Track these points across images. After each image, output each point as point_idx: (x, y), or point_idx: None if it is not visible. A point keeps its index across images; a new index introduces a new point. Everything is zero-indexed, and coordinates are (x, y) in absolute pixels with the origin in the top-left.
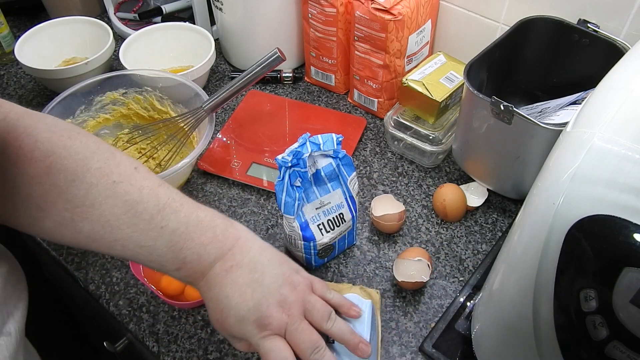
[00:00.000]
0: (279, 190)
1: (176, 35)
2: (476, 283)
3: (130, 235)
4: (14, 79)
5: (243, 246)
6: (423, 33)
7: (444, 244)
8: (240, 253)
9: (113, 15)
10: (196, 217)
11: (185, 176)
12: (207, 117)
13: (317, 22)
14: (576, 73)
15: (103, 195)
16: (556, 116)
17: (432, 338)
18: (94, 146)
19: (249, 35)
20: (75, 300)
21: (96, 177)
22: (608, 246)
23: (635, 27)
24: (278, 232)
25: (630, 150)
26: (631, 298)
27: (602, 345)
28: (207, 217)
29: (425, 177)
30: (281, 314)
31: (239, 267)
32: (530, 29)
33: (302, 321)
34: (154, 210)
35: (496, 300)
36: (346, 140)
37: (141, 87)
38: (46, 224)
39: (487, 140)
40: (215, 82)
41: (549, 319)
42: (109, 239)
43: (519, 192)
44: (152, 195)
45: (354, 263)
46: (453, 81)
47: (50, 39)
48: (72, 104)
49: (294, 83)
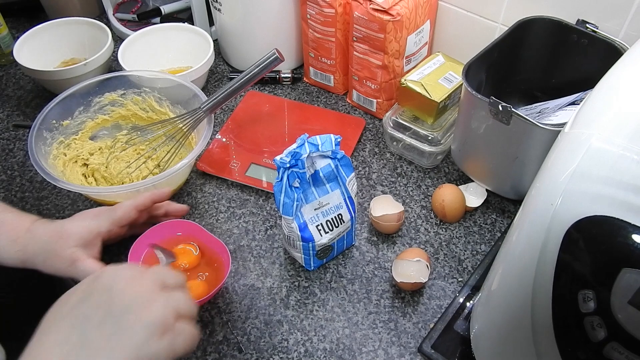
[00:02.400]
0: (277, 191)
1: (175, 36)
2: (475, 284)
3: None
4: (13, 80)
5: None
6: (422, 33)
7: (443, 245)
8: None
9: (112, 16)
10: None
11: (184, 177)
12: (205, 117)
13: (316, 22)
14: (575, 73)
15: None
16: (555, 117)
17: (431, 339)
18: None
19: (248, 36)
20: None
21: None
22: (606, 247)
23: (633, 27)
24: (277, 233)
25: (628, 150)
26: (629, 299)
27: (601, 346)
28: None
29: (424, 177)
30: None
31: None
32: (529, 30)
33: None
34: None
35: (495, 300)
36: (345, 140)
37: (140, 88)
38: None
39: (486, 140)
40: (214, 83)
41: (548, 319)
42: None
43: (517, 193)
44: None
45: (352, 264)
46: (452, 82)
47: (49, 40)
48: (70, 105)
49: (293, 84)
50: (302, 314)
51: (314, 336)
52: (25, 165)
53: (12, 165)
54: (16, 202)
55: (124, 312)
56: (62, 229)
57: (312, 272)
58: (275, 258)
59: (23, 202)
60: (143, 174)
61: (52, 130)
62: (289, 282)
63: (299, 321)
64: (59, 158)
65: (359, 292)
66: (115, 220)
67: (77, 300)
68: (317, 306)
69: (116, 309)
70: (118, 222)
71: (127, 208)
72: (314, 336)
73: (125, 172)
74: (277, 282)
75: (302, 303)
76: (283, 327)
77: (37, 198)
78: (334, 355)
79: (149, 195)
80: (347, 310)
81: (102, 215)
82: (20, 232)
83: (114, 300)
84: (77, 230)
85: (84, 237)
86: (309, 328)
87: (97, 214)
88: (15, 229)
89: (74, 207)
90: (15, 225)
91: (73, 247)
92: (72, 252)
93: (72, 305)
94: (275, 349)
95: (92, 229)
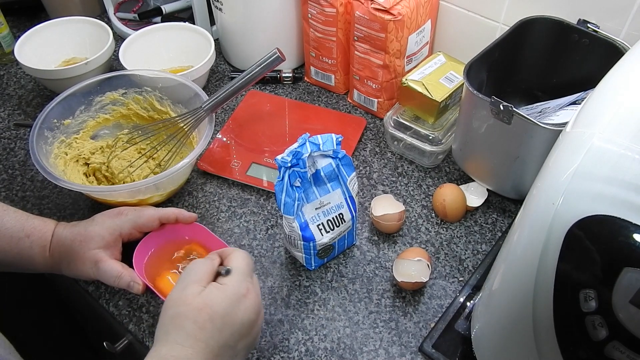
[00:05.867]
0: (278, 190)
1: (176, 36)
2: (476, 283)
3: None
4: (14, 79)
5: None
6: (423, 33)
7: (444, 244)
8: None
9: (113, 16)
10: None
11: (185, 176)
12: (206, 117)
13: (317, 22)
14: (576, 73)
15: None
16: (556, 116)
17: (431, 338)
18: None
19: (249, 35)
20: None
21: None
22: (608, 246)
23: (635, 27)
24: (278, 232)
25: (629, 150)
26: (631, 298)
27: (602, 346)
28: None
29: (425, 177)
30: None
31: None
32: (530, 29)
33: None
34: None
35: (496, 300)
36: (346, 140)
37: (141, 88)
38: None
39: (487, 140)
40: (215, 82)
41: (549, 319)
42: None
43: (518, 192)
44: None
45: (353, 263)
46: (453, 81)
47: (50, 39)
48: (71, 104)
49: (294, 83)
50: (303, 314)
51: (315, 335)
52: (27, 164)
53: (13, 165)
54: (17, 201)
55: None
56: (84, 231)
57: (313, 272)
58: (276, 257)
59: (24, 202)
60: (144, 174)
61: (53, 129)
62: (290, 282)
63: (300, 320)
64: (60, 157)
65: (359, 292)
66: (138, 226)
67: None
68: (318, 305)
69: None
70: (140, 228)
71: (152, 217)
72: (314, 335)
73: (127, 172)
74: (278, 282)
75: (303, 302)
76: (284, 326)
77: (38, 197)
78: (334, 355)
79: (176, 212)
80: (348, 310)
81: (123, 216)
82: (49, 238)
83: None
84: (99, 232)
85: (106, 239)
86: (310, 327)
87: (118, 213)
88: (44, 235)
89: (75, 207)
90: (44, 231)
91: (95, 249)
92: (95, 253)
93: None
94: (276, 348)
95: (113, 230)
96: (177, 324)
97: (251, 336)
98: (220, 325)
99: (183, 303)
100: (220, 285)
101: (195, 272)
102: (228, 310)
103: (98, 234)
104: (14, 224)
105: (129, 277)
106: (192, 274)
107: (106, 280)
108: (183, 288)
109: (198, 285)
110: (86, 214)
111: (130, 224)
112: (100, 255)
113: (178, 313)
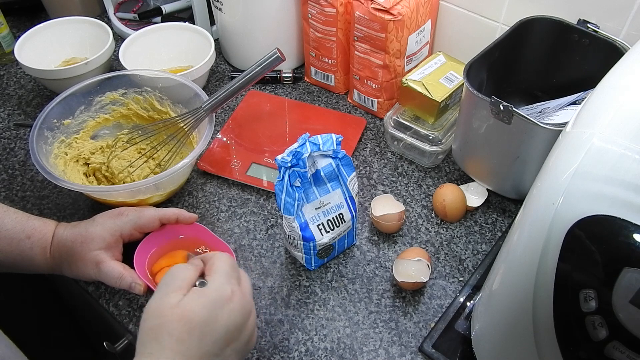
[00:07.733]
0: (278, 190)
1: (176, 36)
2: (476, 283)
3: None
4: (14, 79)
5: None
6: (423, 33)
7: (444, 244)
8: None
9: (113, 16)
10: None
11: (185, 176)
12: (206, 117)
13: (317, 22)
14: (576, 73)
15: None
16: (556, 116)
17: (431, 338)
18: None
19: (249, 35)
20: (75, 300)
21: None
22: (608, 246)
23: (635, 27)
24: (278, 232)
25: (629, 150)
26: (631, 298)
27: (602, 346)
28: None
29: (425, 177)
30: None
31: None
32: (530, 29)
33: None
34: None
35: (496, 300)
36: (346, 140)
37: (141, 88)
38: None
39: (487, 140)
40: (215, 82)
41: (549, 319)
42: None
43: (518, 192)
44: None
45: (353, 263)
46: (453, 81)
47: (50, 39)
48: (71, 104)
49: (294, 83)
50: (303, 314)
51: (315, 335)
52: (27, 164)
53: (13, 165)
54: (17, 201)
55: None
56: (85, 232)
57: (313, 272)
58: (276, 257)
59: (24, 202)
60: (144, 173)
61: (53, 129)
62: (289, 282)
63: (300, 320)
64: (60, 157)
65: (359, 292)
66: (139, 226)
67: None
68: (318, 305)
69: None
70: (140, 228)
71: (152, 217)
72: (314, 335)
73: (127, 172)
74: (278, 282)
75: (303, 302)
76: (284, 326)
77: (38, 197)
78: (334, 355)
79: (176, 212)
80: (348, 310)
81: (124, 216)
82: (49, 239)
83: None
84: (100, 233)
85: (107, 240)
86: (310, 327)
87: (118, 214)
88: (44, 237)
89: (75, 207)
90: (44, 232)
91: (96, 250)
92: (96, 254)
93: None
94: (276, 348)
95: (114, 231)
96: (153, 337)
97: (240, 340)
98: (199, 336)
99: (160, 315)
100: (201, 290)
101: (175, 278)
102: (208, 319)
103: (99, 235)
104: (14, 225)
105: (130, 278)
106: (172, 281)
107: (108, 282)
108: (162, 297)
109: (178, 293)
110: (86, 214)
111: (130, 224)
112: (102, 256)
113: (155, 325)
